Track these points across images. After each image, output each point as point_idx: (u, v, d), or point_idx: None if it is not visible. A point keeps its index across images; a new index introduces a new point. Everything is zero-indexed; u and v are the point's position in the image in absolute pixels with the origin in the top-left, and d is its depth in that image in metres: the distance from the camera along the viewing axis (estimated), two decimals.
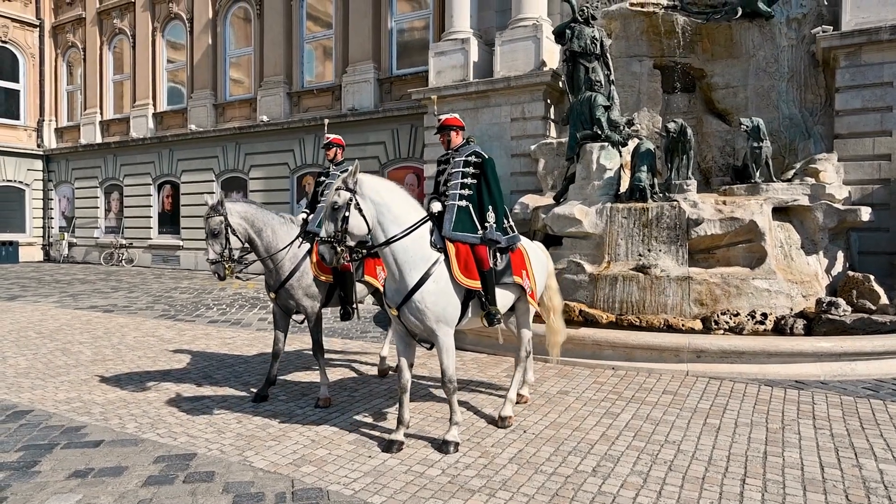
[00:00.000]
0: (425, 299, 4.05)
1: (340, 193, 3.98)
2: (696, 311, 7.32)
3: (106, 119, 23.29)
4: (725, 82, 10.64)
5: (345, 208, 3.95)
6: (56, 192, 24.94)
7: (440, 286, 4.11)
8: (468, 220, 4.37)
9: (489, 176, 4.48)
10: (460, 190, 4.44)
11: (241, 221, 5.07)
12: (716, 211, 7.79)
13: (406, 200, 4.21)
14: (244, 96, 19.44)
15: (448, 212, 4.40)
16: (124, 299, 12.47)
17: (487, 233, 4.35)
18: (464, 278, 4.14)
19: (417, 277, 4.06)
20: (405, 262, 4.08)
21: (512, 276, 4.54)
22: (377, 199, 4.06)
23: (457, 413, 4.33)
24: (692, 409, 5.10)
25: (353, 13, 16.63)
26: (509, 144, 12.29)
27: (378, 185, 4.15)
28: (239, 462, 4.00)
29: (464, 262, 4.18)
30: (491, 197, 4.45)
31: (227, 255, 4.93)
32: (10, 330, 8.88)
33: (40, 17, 24.85)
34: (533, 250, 5.06)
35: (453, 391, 4.29)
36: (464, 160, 4.53)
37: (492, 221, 4.38)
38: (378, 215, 4.05)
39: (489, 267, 4.28)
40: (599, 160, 8.62)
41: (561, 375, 6.23)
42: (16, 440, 4.39)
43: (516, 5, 12.48)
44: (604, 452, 4.15)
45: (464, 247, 4.25)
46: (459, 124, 4.66)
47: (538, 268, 5.00)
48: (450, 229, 4.31)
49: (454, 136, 4.63)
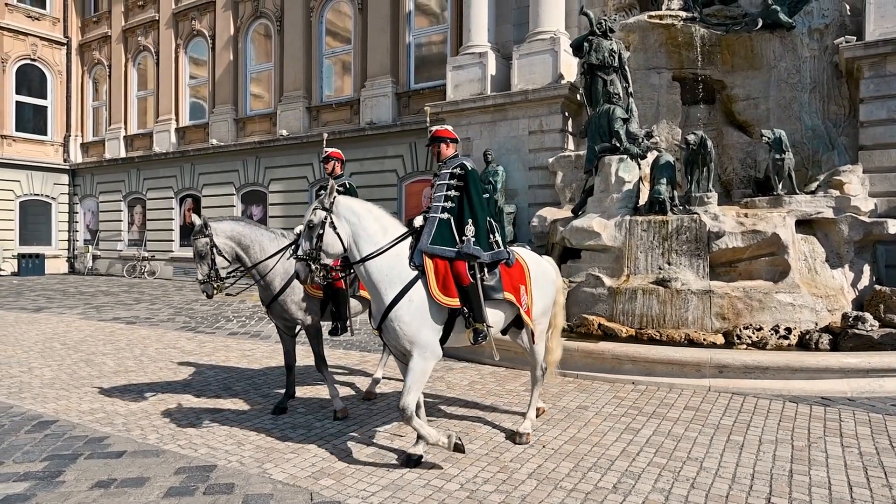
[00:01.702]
0: (399, 318, 3.98)
1: (316, 212, 4.07)
2: (717, 326, 7.21)
3: (130, 134, 23.77)
4: (746, 94, 10.55)
5: (319, 227, 4.03)
6: (81, 205, 25.45)
7: (415, 305, 4.01)
8: (448, 234, 4.20)
9: (471, 188, 4.32)
10: (443, 203, 4.31)
11: (228, 241, 5.14)
12: (737, 224, 7.70)
13: (382, 220, 4.22)
14: (264, 111, 19.72)
15: (428, 225, 4.26)
16: (146, 311, 12.63)
17: (464, 246, 4.14)
18: (442, 296, 4.00)
19: (393, 296, 4.02)
20: (380, 280, 4.06)
21: (503, 293, 4.30)
22: (352, 218, 4.12)
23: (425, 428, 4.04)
24: (715, 425, 5.02)
25: (372, 28, 16.84)
26: (527, 157, 12.29)
27: (354, 205, 4.20)
28: (258, 474, 4.02)
29: (442, 279, 4.04)
30: (472, 210, 4.27)
31: (213, 276, 5.02)
32: (35, 341, 9.03)
33: (68, 35, 25.52)
34: (537, 264, 4.82)
35: (407, 419, 3.94)
36: (449, 172, 4.40)
37: (470, 235, 4.18)
38: (353, 235, 4.10)
39: (469, 282, 4.07)
40: (618, 173, 8.58)
41: (580, 390, 6.17)
42: (41, 450, 4.46)
43: (534, 19, 12.54)
44: (624, 469, 4.09)
45: (442, 263, 4.09)
46: (450, 136, 4.54)
47: (543, 283, 4.77)
48: (427, 243, 4.15)
49: (444, 148, 4.50)
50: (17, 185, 23.97)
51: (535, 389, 4.94)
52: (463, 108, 13.02)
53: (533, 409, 4.86)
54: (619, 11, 12.27)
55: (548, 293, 4.83)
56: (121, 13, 23.87)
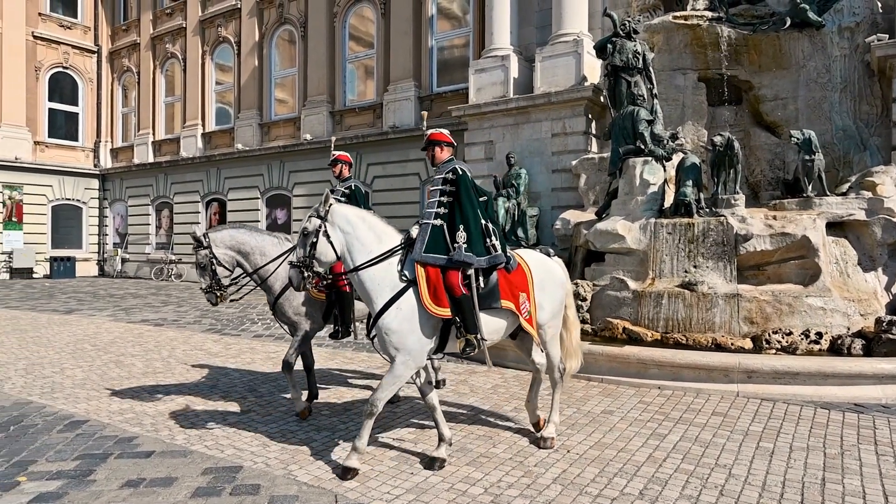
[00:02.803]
0: (387, 326, 4.00)
1: (311, 220, 4.13)
2: (745, 330, 7.08)
3: (158, 139, 24.23)
4: (774, 94, 10.37)
5: (313, 235, 4.09)
6: (111, 209, 25.99)
7: (403, 314, 4.00)
8: (441, 240, 4.15)
9: (462, 193, 4.24)
10: (436, 208, 4.26)
11: (227, 251, 5.22)
12: (766, 226, 7.56)
13: (376, 228, 4.23)
14: (288, 116, 19.94)
15: (422, 232, 4.21)
16: (174, 313, 12.84)
17: (455, 254, 4.06)
18: (433, 306, 3.97)
19: (382, 304, 4.04)
20: (372, 289, 4.09)
21: (500, 301, 4.21)
22: (347, 227, 4.14)
23: (363, 439, 4.08)
24: (744, 431, 4.93)
25: (395, 32, 16.93)
26: (550, 160, 12.23)
27: (349, 213, 4.22)
28: (283, 476, 4.05)
29: (433, 288, 4.00)
30: (463, 215, 4.18)
31: (215, 286, 5.12)
32: (67, 342, 9.24)
33: (98, 43, 26.11)
34: (542, 267, 4.66)
35: (370, 414, 4.04)
36: (442, 178, 4.35)
37: (461, 241, 4.09)
38: (347, 244, 4.13)
39: (461, 293, 4.01)
40: (643, 175, 8.49)
41: (605, 394, 6.11)
42: (73, 449, 4.55)
43: (557, 21, 12.49)
44: (651, 475, 4.04)
45: (434, 272, 4.05)
46: (445, 139, 4.48)
47: (551, 286, 4.62)
48: (420, 251, 4.11)
49: (438, 152, 4.45)
50: (50, 189, 24.57)
51: (555, 392, 4.84)
52: (485, 110, 13.01)
53: (556, 412, 4.79)
54: (643, 12, 12.16)
55: (556, 296, 4.66)
56: (149, 21, 24.36)
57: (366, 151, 17.29)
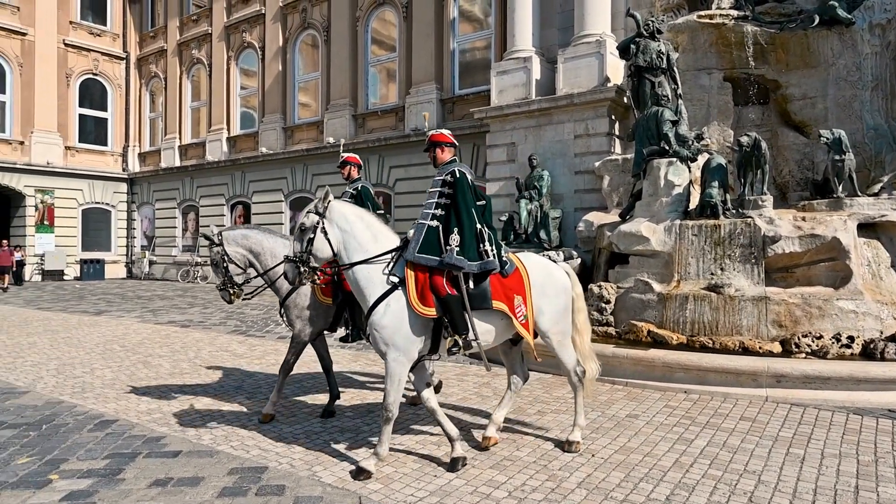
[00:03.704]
0: (377, 322, 4.07)
1: (309, 216, 4.20)
2: (774, 334, 6.95)
3: (184, 144, 24.64)
4: (802, 93, 10.17)
5: (311, 231, 4.16)
6: (139, 212, 26.50)
7: (391, 311, 4.05)
8: (435, 242, 4.15)
9: (458, 196, 4.22)
10: (433, 210, 4.26)
11: (239, 249, 5.27)
12: (794, 227, 7.42)
13: (373, 227, 4.28)
14: (312, 119, 20.13)
15: (416, 232, 4.23)
16: (199, 315, 13.03)
17: (447, 256, 4.06)
18: (420, 306, 4.01)
19: (373, 300, 4.10)
20: (365, 286, 4.15)
21: (492, 302, 4.18)
22: (344, 225, 4.20)
23: (384, 445, 4.17)
24: (773, 437, 4.83)
25: (417, 36, 16.99)
26: (573, 161, 12.15)
27: (347, 211, 4.27)
28: (308, 477, 4.08)
29: (420, 289, 4.04)
30: (458, 218, 4.18)
31: (228, 283, 5.19)
32: (97, 343, 9.43)
33: (126, 50, 26.67)
34: (543, 272, 4.54)
35: (386, 420, 4.15)
36: (441, 179, 4.35)
37: (454, 244, 4.09)
38: (344, 241, 4.19)
39: (446, 293, 4.02)
40: (667, 176, 8.39)
41: (630, 398, 6.04)
42: (102, 448, 4.64)
43: (579, 22, 12.42)
44: (677, 480, 3.98)
45: (423, 273, 4.08)
46: (447, 140, 4.47)
47: (553, 291, 4.52)
48: (414, 250, 4.14)
49: (440, 153, 4.46)
50: (80, 193, 25.15)
51: (577, 395, 4.74)
52: (507, 112, 12.98)
53: (580, 415, 4.72)
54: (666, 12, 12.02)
55: (558, 301, 4.55)
56: (176, 28, 24.80)
57: (388, 154, 17.38)
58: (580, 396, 4.75)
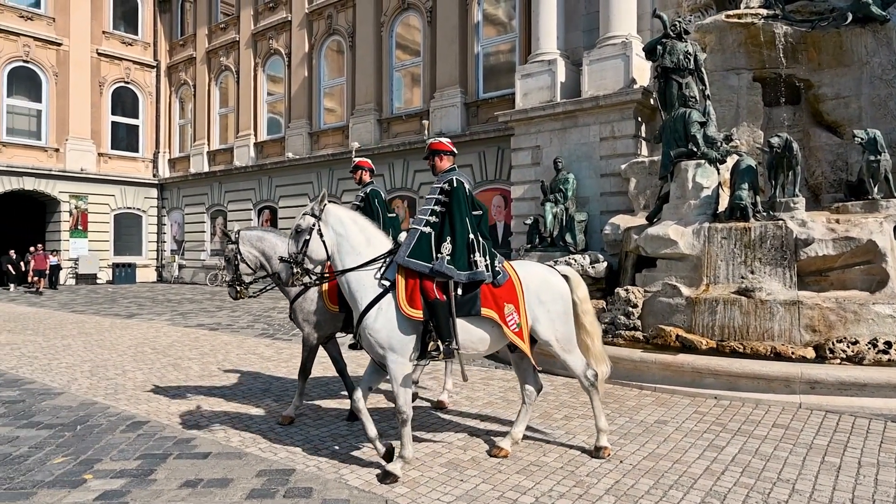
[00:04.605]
0: (370, 326, 4.11)
1: (305, 218, 4.24)
2: (807, 339, 6.78)
3: (212, 149, 25.07)
4: (835, 92, 9.93)
5: (307, 232, 4.20)
6: (168, 217, 27.03)
7: (384, 314, 4.10)
8: (426, 248, 4.17)
9: (453, 205, 4.23)
10: (428, 216, 4.28)
11: (252, 250, 5.33)
12: (828, 230, 7.24)
13: (366, 231, 4.33)
14: (337, 124, 20.33)
15: (409, 236, 4.26)
16: (227, 318, 13.21)
17: (436, 264, 4.09)
18: (408, 308, 4.04)
19: (366, 303, 4.15)
20: (357, 290, 4.20)
21: (481, 309, 4.17)
22: (339, 229, 4.24)
23: (407, 447, 4.18)
24: (807, 444, 4.72)
25: (441, 40, 17.05)
26: (598, 164, 12.05)
27: (343, 215, 4.32)
28: (335, 479, 4.10)
29: (410, 291, 4.07)
30: (451, 227, 4.20)
31: (236, 280, 5.26)
32: (129, 346, 9.63)
33: (157, 58, 27.26)
34: (539, 280, 4.47)
35: (402, 422, 4.17)
36: (439, 187, 4.36)
37: (445, 253, 4.11)
38: (338, 244, 4.24)
39: (434, 297, 4.04)
40: (696, 178, 8.27)
41: (658, 404, 5.96)
42: (134, 449, 4.73)
43: (604, 24, 12.33)
44: (708, 488, 3.91)
45: (413, 277, 4.11)
46: (445, 148, 4.49)
47: (550, 299, 4.44)
48: (405, 254, 4.16)
49: (438, 161, 4.48)
50: (112, 199, 25.74)
51: (592, 399, 4.62)
52: (532, 115, 12.93)
53: (601, 419, 4.59)
54: (693, 12, 11.88)
55: (556, 309, 4.47)
56: (205, 36, 25.28)
57: (412, 158, 17.45)
58: (596, 400, 4.63)
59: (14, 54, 23.02)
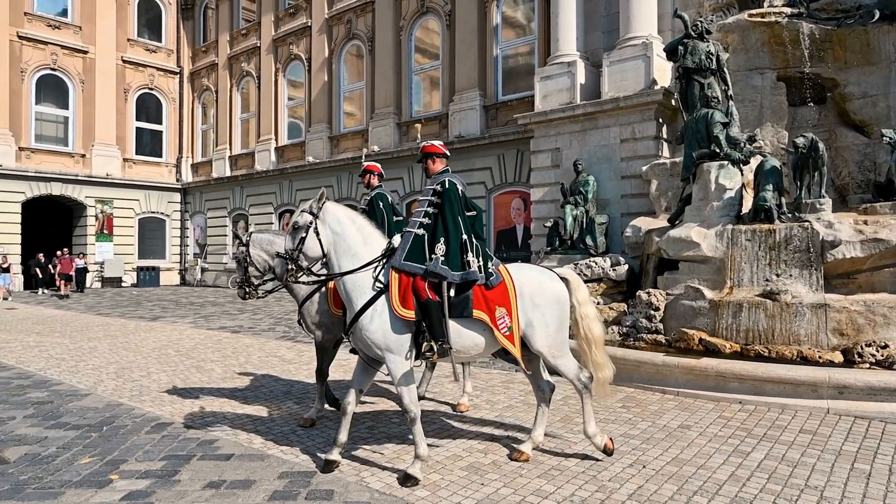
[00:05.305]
0: (366, 327, 4.15)
1: (303, 215, 4.30)
2: (834, 343, 6.66)
3: (234, 154, 25.37)
4: (862, 91, 9.74)
5: (303, 230, 4.25)
6: (191, 221, 27.40)
7: (378, 314, 4.14)
8: (420, 250, 4.21)
9: (445, 206, 4.27)
10: (421, 218, 4.32)
11: (261, 253, 5.37)
12: (855, 231, 7.10)
13: (363, 230, 4.37)
14: (356, 128, 20.45)
15: (403, 240, 4.30)
16: (249, 321, 13.35)
17: (430, 265, 4.12)
18: (401, 308, 4.07)
19: (361, 304, 4.17)
20: (352, 290, 4.24)
21: (472, 310, 4.16)
22: (336, 228, 4.29)
23: (421, 446, 4.17)
24: (835, 451, 4.62)
25: (460, 43, 17.07)
26: (619, 166, 11.96)
27: (341, 214, 4.36)
28: (356, 482, 4.11)
29: (403, 291, 4.10)
30: (444, 228, 4.23)
31: (245, 283, 5.31)
32: (153, 348, 9.77)
33: (180, 65, 27.68)
34: (531, 284, 4.40)
35: (411, 420, 4.19)
36: (432, 189, 4.40)
37: (440, 254, 4.15)
38: (334, 244, 4.28)
39: (426, 297, 4.05)
40: (718, 180, 8.16)
41: (681, 408, 5.88)
42: (159, 450, 4.79)
43: (624, 25, 12.25)
44: (734, 494, 3.85)
45: (406, 277, 4.14)
46: (438, 151, 4.56)
47: (544, 302, 4.38)
48: (400, 258, 4.19)
49: (431, 164, 4.55)
50: (137, 203, 26.17)
51: (584, 402, 4.52)
52: (552, 118, 12.88)
53: (589, 423, 4.47)
54: (715, 12, 11.73)
55: (551, 313, 4.40)
56: (226, 42, 25.61)
57: None
58: (588, 403, 4.52)
59: (42, 62, 23.53)
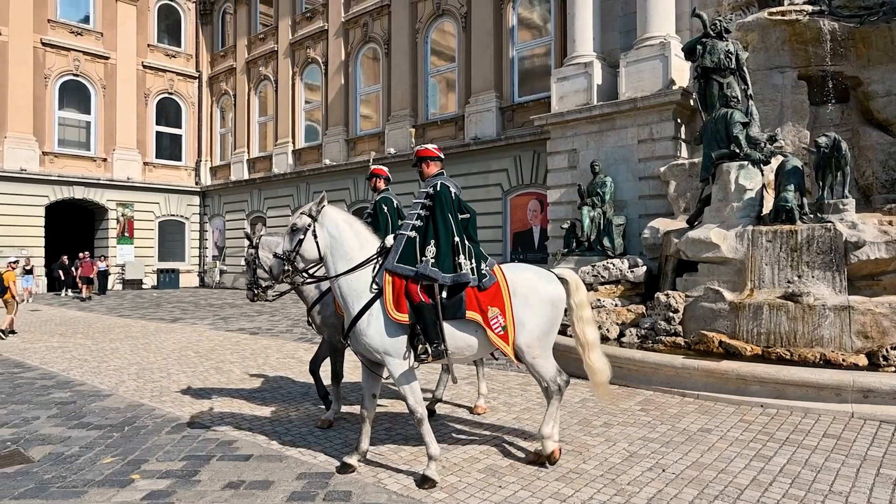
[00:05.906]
0: (364, 332, 4.18)
1: (302, 217, 4.34)
2: (858, 345, 6.53)
3: (252, 157, 25.61)
4: (887, 90, 9.56)
5: (301, 232, 4.31)
6: (210, 224, 27.69)
7: (375, 318, 4.16)
8: (412, 252, 4.23)
9: (436, 209, 4.28)
10: (414, 221, 4.33)
11: (270, 255, 5.34)
12: (880, 232, 6.97)
13: (360, 234, 4.40)
14: (373, 131, 20.53)
15: (396, 243, 4.32)
16: (267, 322, 13.45)
17: (421, 267, 4.13)
18: (394, 312, 4.09)
19: (359, 308, 4.20)
20: (349, 294, 4.26)
21: (465, 312, 4.15)
22: (334, 231, 4.31)
23: (431, 445, 4.15)
24: (860, 456, 4.53)
25: (476, 45, 17.06)
26: (636, 167, 11.87)
27: (339, 219, 4.38)
28: (374, 484, 4.12)
29: (396, 295, 4.11)
30: (435, 231, 4.25)
31: (253, 285, 5.32)
32: (173, 349, 9.88)
33: (199, 69, 28.02)
34: (524, 284, 4.36)
35: (419, 421, 4.19)
36: (425, 192, 4.41)
37: (430, 256, 4.16)
38: (331, 247, 4.30)
39: (419, 300, 4.06)
40: (738, 180, 8.06)
41: (701, 411, 5.81)
42: (179, 450, 4.84)
43: (642, 25, 12.16)
44: (756, 499, 3.79)
45: (399, 280, 4.15)
46: (432, 155, 4.60)
47: (537, 302, 4.33)
48: (393, 261, 4.22)
49: (426, 168, 4.59)
50: (157, 206, 26.52)
51: (551, 403, 4.47)
52: (568, 119, 12.83)
53: (549, 425, 4.40)
54: (734, 11, 11.59)
55: (542, 314, 4.35)
56: (244, 47, 25.88)
57: (448, 163, 17.30)
58: (555, 405, 4.47)
59: (65, 68, 23.96)
